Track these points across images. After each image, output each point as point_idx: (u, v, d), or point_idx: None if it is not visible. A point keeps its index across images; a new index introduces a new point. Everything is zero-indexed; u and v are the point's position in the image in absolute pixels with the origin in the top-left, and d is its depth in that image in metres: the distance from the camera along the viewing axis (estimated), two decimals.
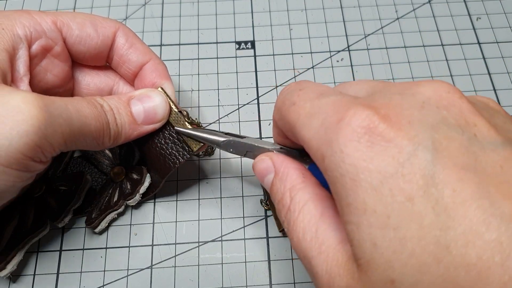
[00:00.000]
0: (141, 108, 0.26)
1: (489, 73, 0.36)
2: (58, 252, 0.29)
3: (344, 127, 0.16)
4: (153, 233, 0.30)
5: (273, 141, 0.24)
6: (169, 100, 0.27)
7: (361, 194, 0.16)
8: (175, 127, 0.27)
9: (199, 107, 0.35)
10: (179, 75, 0.36)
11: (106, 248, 0.29)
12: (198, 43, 0.38)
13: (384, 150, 0.16)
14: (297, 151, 0.22)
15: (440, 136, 0.16)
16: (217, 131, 0.26)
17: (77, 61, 0.28)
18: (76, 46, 0.27)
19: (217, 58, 0.37)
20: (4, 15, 0.24)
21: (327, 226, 0.18)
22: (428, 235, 0.15)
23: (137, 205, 0.31)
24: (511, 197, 0.14)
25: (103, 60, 0.29)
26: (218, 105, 0.35)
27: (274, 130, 0.23)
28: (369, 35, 0.38)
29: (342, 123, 0.16)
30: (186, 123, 0.27)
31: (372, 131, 0.16)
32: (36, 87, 0.26)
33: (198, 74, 0.36)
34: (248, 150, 0.24)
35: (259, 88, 0.35)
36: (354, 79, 0.36)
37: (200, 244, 0.30)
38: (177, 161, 0.27)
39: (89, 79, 0.29)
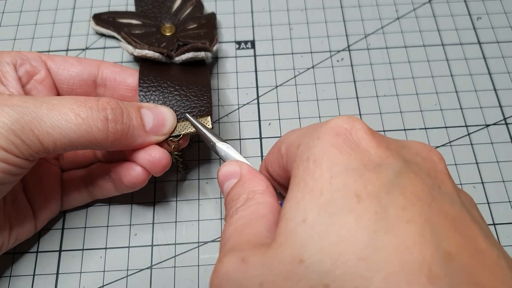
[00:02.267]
0: (150, 116, 0.26)
1: (489, 73, 0.36)
2: (58, 252, 0.29)
3: (330, 123, 0.18)
4: (153, 233, 0.30)
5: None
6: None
7: (316, 176, 0.17)
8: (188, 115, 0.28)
9: None
10: None
11: (106, 248, 0.29)
12: None
13: (355, 150, 0.17)
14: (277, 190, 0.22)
15: (409, 169, 0.17)
16: (218, 136, 0.27)
17: (65, 93, 0.29)
18: (60, 73, 0.28)
19: (217, 58, 0.37)
20: None
21: (261, 223, 0.19)
22: (360, 234, 0.15)
23: (137, 205, 0.31)
24: (455, 240, 0.15)
25: (92, 91, 0.29)
26: (218, 105, 0.35)
27: (263, 170, 0.24)
28: (369, 35, 0.38)
29: (330, 121, 0.18)
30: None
31: (353, 133, 0.18)
32: None
33: None
34: None
35: (259, 88, 0.35)
36: (354, 79, 0.36)
37: (200, 244, 0.29)
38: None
39: None
